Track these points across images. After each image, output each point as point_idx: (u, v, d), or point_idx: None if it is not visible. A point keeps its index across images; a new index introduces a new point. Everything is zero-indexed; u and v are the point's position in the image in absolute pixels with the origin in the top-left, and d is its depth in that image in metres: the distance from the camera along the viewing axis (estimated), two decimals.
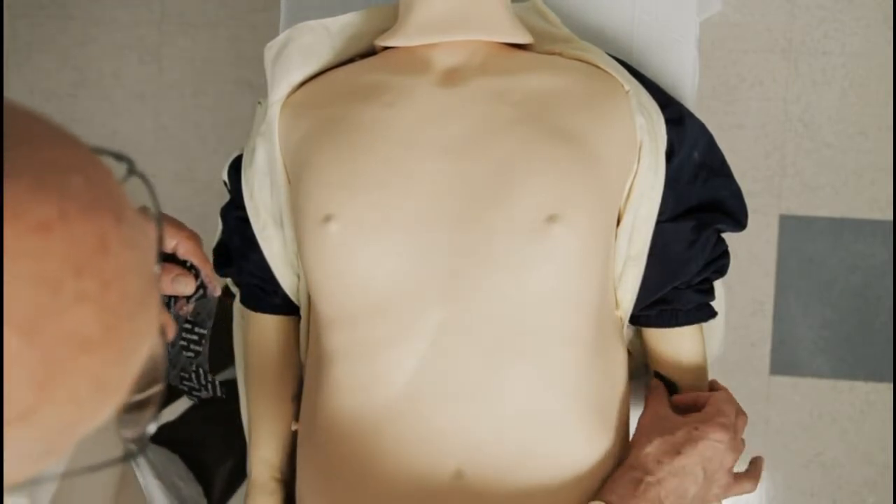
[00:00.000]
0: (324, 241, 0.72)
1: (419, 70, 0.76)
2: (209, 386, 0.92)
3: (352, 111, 0.74)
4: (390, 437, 0.71)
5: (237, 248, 0.84)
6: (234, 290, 0.89)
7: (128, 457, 0.68)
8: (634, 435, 0.76)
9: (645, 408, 0.79)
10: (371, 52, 0.83)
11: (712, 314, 0.85)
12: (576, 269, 0.71)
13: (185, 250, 0.67)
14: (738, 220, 0.82)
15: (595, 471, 0.73)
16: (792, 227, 1.67)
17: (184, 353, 0.81)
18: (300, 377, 0.86)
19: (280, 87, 0.79)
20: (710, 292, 0.84)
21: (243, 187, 0.81)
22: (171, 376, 0.84)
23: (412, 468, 0.70)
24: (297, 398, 0.85)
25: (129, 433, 0.59)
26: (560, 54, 0.80)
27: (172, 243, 0.66)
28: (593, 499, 0.70)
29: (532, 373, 0.70)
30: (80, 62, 1.80)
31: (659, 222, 0.79)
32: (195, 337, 0.79)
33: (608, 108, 0.75)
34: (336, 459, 0.74)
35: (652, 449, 0.72)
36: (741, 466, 0.79)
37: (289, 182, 0.79)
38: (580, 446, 0.72)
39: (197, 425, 1.02)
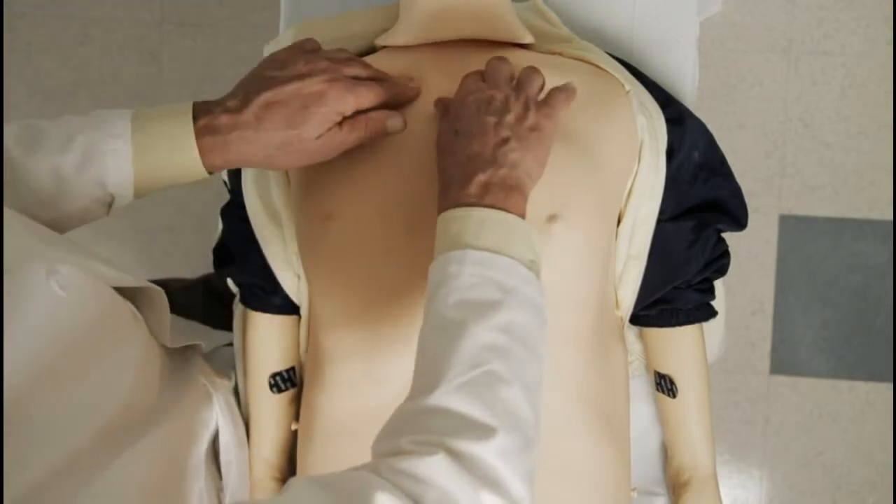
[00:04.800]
0: (324, 240, 0.72)
1: (420, 70, 0.76)
2: None
3: None
4: None
5: (237, 247, 0.84)
6: (235, 289, 0.89)
7: None
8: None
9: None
10: (371, 51, 0.83)
11: (712, 314, 0.85)
12: (576, 269, 0.71)
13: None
14: (739, 219, 0.82)
15: (597, 470, 0.73)
16: (792, 227, 1.68)
17: None
18: (300, 378, 0.86)
19: None
20: (711, 292, 0.84)
21: (243, 187, 0.81)
22: None
23: None
24: (297, 398, 0.85)
25: None
26: (560, 54, 0.80)
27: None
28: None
29: None
30: (80, 62, 1.79)
31: (659, 222, 0.79)
32: None
33: (609, 108, 0.75)
34: (336, 459, 0.74)
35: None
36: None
37: (288, 181, 0.79)
38: (581, 445, 0.72)
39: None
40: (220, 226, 0.88)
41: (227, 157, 0.66)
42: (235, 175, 0.83)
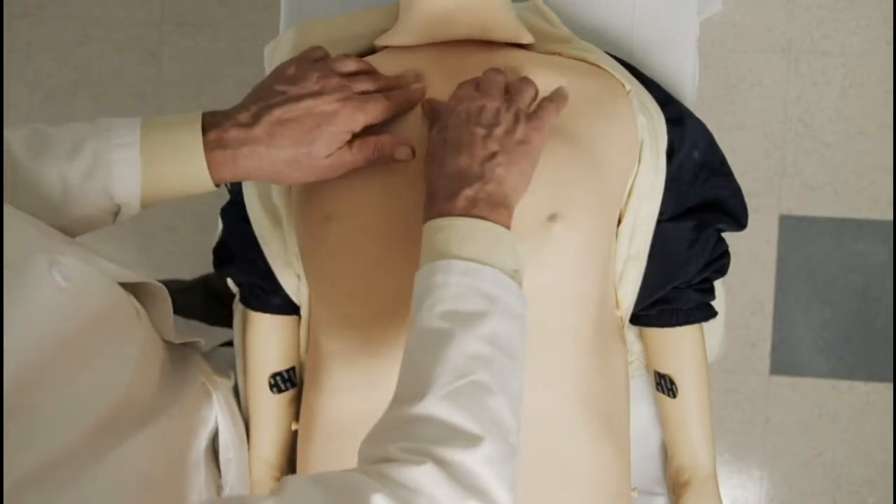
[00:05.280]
0: (324, 242, 0.72)
1: (420, 70, 0.76)
2: None
3: None
4: None
5: (237, 247, 0.84)
6: (235, 289, 0.89)
7: None
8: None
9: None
10: (371, 51, 0.83)
11: (712, 314, 0.85)
12: (576, 269, 0.71)
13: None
14: (739, 219, 0.82)
15: (597, 470, 0.73)
16: (792, 227, 1.68)
17: None
18: (300, 378, 0.86)
19: None
20: (711, 292, 0.84)
21: (243, 187, 0.81)
22: None
23: None
24: (297, 398, 0.85)
25: None
26: (560, 54, 0.80)
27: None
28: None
29: (531, 372, 0.70)
30: (80, 62, 1.80)
31: (659, 222, 0.79)
32: None
33: (609, 108, 0.75)
34: (336, 459, 0.74)
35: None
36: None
37: None
38: (581, 445, 0.72)
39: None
40: (220, 226, 0.88)
41: (236, 171, 0.66)
42: None
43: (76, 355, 0.53)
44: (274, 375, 0.83)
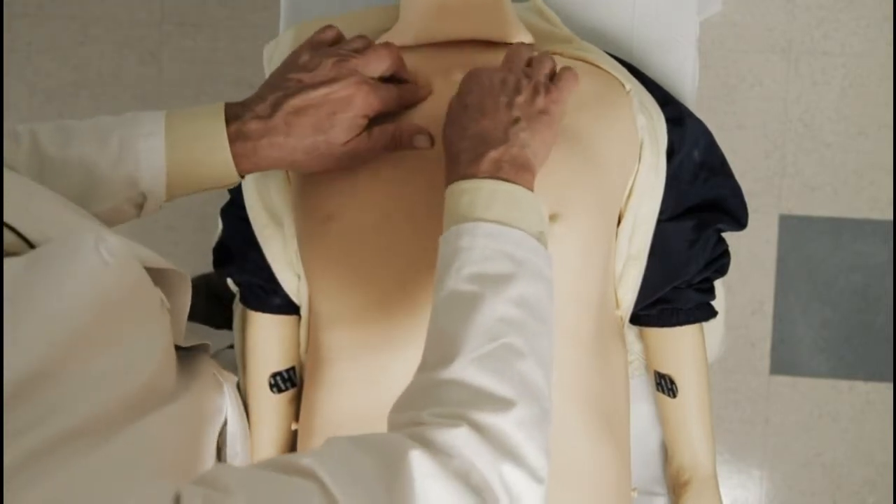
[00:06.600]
0: (324, 240, 0.72)
1: (419, 69, 0.76)
2: None
3: None
4: None
5: (237, 247, 0.84)
6: (235, 289, 0.89)
7: None
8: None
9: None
10: None
11: (712, 313, 0.85)
12: (576, 268, 0.71)
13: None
14: (739, 219, 0.82)
15: (597, 470, 0.73)
16: (792, 227, 1.67)
17: None
18: (300, 378, 0.86)
19: None
20: (711, 292, 0.84)
21: (243, 187, 0.81)
22: None
23: None
24: (297, 398, 0.85)
25: None
26: (560, 54, 0.80)
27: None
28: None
29: None
30: (80, 62, 1.79)
31: (659, 222, 0.79)
32: None
33: (609, 108, 0.75)
34: None
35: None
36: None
37: (288, 181, 0.79)
38: (581, 445, 0.72)
39: None
40: (220, 226, 0.88)
41: (258, 162, 0.67)
42: None
43: (110, 332, 0.53)
44: (274, 375, 0.83)
